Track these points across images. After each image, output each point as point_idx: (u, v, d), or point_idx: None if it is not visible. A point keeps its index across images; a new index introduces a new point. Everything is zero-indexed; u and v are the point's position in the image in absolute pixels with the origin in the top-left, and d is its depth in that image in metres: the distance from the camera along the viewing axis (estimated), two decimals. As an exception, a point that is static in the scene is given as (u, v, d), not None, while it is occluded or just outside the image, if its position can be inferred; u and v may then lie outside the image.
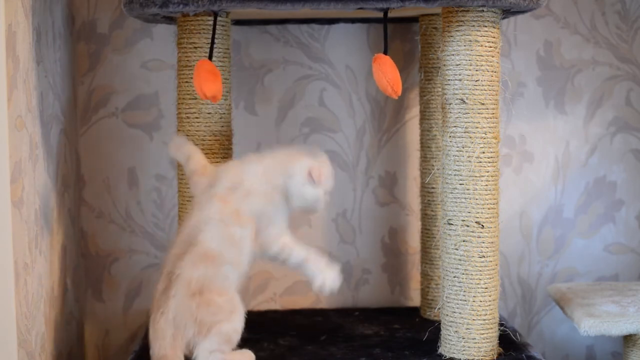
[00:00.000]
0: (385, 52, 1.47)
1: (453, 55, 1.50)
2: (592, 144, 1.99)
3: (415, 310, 1.90)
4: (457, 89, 1.50)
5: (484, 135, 1.50)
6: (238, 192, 1.49)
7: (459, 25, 1.49)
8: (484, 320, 1.53)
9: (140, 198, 1.94)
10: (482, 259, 1.51)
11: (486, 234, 1.51)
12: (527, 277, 2.01)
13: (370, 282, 1.99)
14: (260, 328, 1.77)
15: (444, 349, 1.56)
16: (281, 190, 1.51)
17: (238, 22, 1.85)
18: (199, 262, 1.46)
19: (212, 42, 1.54)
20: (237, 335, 1.50)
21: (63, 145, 1.76)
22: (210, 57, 1.53)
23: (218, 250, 1.47)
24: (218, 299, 1.48)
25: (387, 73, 1.44)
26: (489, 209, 1.51)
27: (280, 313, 1.91)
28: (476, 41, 1.49)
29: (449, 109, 1.52)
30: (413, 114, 1.95)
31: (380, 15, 1.50)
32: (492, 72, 1.50)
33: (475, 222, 1.51)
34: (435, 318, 1.77)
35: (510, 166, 1.98)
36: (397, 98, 1.47)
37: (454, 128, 1.51)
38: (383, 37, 1.49)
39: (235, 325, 1.49)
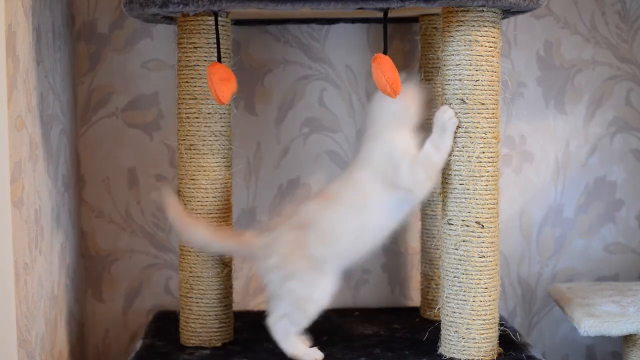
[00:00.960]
0: (384, 52, 1.47)
1: (453, 55, 1.50)
2: (592, 144, 1.99)
3: (415, 310, 1.90)
4: (457, 89, 1.50)
5: (484, 135, 1.50)
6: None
7: (459, 25, 1.49)
8: (484, 320, 1.53)
9: (140, 198, 1.94)
10: (482, 259, 1.51)
11: (486, 234, 1.51)
12: (527, 277, 2.01)
13: (370, 282, 1.99)
14: (260, 328, 1.77)
15: (444, 349, 1.56)
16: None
17: (238, 22, 1.85)
18: (317, 198, 1.54)
19: (218, 44, 1.54)
20: (311, 307, 1.52)
21: (63, 145, 1.76)
22: (219, 59, 1.53)
23: (336, 191, 1.53)
24: (313, 248, 1.51)
25: (386, 72, 1.45)
26: (489, 209, 1.51)
27: (280, 313, 1.91)
28: (476, 41, 1.49)
29: (449, 109, 1.52)
30: (413, 114, 1.95)
31: (380, 15, 1.50)
32: (492, 72, 1.50)
33: (475, 222, 1.51)
34: (435, 318, 1.77)
35: (510, 166, 1.98)
36: (396, 98, 1.48)
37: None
38: (383, 37, 1.49)
39: (312, 294, 1.52)
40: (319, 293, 1.52)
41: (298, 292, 1.51)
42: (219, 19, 1.58)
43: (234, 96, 1.65)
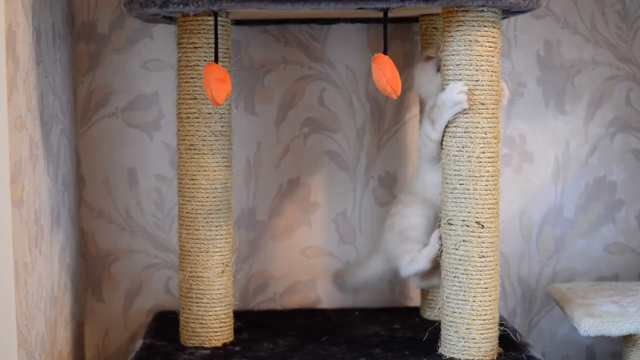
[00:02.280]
0: (385, 52, 1.47)
1: (453, 55, 1.50)
2: (592, 144, 1.99)
3: (415, 310, 1.90)
4: (457, 89, 1.50)
5: (484, 135, 1.50)
6: None
7: (459, 25, 1.49)
8: (484, 320, 1.53)
9: (140, 198, 1.94)
10: (482, 259, 1.51)
11: (486, 234, 1.51)
12: (527, 277, 2.01)
13: (370, 282, 1.99)
14: (260, 328, 1.77)
15: (444, 349, 1.56)
16: None
17: (238, 22, 1.85)
18: None
19: (216, 44, 1.54)
20: (413, 232, 1.64)
21: (63, 145, 1.76)
22: (216, 60, 1.53)
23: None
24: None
25: (386, 73, 1.45)
26: (489, 209, 1.51)
27: (280, 313, 1.91)
28: (476, 41, 1.49)
29: (449, 109, 1.52)
30: (413, 114, 1.95)
31: (381, 15, 1.50)
32: (492, 72, 1.50)
33: (475, 222, 1.51)
34: (435, 318, 1.77)
35: (510, 166, 1.98)
36: (396, 98, 1.48)
37: (454, 128, 1.51)
38: (383, 37, 1.49)
39: (407, 222, 1.66)
40: (415, 219, 1.66)
41: (397, 227, 1.67)
42: (219, 19, 1.58)
43: (232, 97, 1.65)
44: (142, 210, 1.94)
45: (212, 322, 1.64)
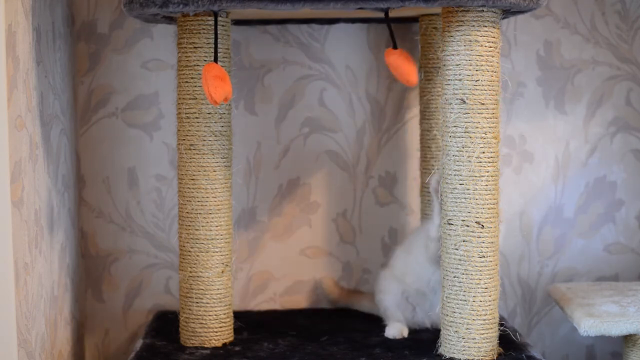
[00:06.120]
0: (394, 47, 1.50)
1: (453, 55, 1.50)
2: (592, 144, 1.99)
3: (415, 310, 1.90)
4: (457, 89, 1.50)
5: (484, 135, 1.50)
6: None
7: (459, 25, 1.49)
8: (484, 320, 1.53)
9: (140, 198, 1.94)
10: (482, 259, 1.51)
11: (486, 234, 1.51)
12: (527, 277, 2.01)
13: (370, 282, 1.99)
14: (260, 328, 1.77)
15: (444, 349, 1.56)
16: None
17: (238, 22, 1.86)
18: None
19: (216, 44, 1.54)
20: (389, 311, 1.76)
21: (63, 145, 1.76)
22: (215, 60, 1.53)
23: None
24: None
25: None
26: (489, 209, 1.51)
27: (280, 313, 1.91)
28: (476, 41, 1.49)
29: (449, 109, 1.52)
30: (413, 114, 1.95)
31: (380, 15, 1.50)
32: (492, 72, 1.50)
33: (475, 222, 1.51)
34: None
35: (510, 166, 1.98)
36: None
37: (454, 128, 1.51)
38: (390, 36, 1.49)
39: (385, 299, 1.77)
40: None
41: None
42: (219, 19, 1.58)
43: (232, 97, 1.65)
44: (142, 210, 1.94)
45: (212, 322, 1.64)
